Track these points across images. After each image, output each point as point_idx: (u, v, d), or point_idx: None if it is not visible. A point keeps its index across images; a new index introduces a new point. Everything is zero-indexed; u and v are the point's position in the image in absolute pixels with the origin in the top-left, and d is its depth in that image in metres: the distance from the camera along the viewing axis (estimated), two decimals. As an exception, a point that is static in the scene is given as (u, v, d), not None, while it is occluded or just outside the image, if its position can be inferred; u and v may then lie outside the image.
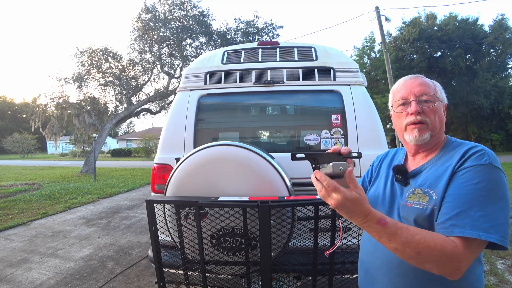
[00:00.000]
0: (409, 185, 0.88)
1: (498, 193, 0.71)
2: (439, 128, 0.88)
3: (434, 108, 0.87)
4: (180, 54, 14.00)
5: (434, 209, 0.78)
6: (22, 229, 4.92)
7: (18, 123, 48.71)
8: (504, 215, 0.69)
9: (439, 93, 0.91)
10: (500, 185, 0.72)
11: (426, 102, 0.88)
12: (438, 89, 0.92)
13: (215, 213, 1.48)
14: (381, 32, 12.71)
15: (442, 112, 0.91)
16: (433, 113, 0.87)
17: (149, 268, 3.30)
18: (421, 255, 0.67)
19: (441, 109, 0.91)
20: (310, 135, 2.07)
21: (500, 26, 23.55)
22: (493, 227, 0.67)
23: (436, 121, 0.87)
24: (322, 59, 2.26)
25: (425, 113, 0.86)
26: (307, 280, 1.75)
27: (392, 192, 0.93)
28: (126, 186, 9.37)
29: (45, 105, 14.67)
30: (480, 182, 0.72)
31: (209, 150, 1.59)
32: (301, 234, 1.66)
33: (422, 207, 0.80)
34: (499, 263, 3.22)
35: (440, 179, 0.80)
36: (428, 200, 0.80)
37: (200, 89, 2.24)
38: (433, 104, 0.87)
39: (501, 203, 0.70)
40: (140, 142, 31.43)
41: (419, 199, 0.82)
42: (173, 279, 1.76)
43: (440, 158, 0.86)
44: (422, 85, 0.89)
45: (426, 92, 0.88)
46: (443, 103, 0.93)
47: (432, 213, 0.78)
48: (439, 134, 0.89)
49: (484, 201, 0.70)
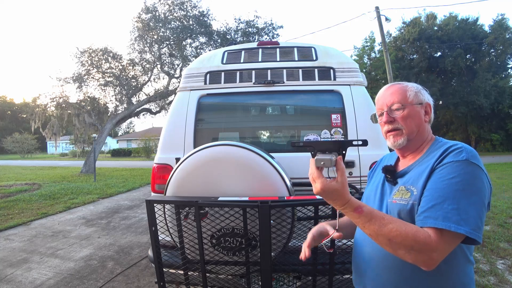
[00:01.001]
0: (397, 184, 0.94)
1: (472, 188, 0.74)
2: (417, 131, 0.94)
3: (404, 115, 0.93)
4: (180, 54, 14.00)
5: (414, 204, 0.82)
6: (22, 229, 4.92)
7: (18, 123, 48.72)
8: (476, 209, 0.72)
9: (412, 98, 0.95)
10: (475, 180, 0.75)
11: (397, 110, 0.95)
12: (411, 94, 0.96)
13: (215, 213, 1.48)
14: (381, 32, 12.71)
15: (421, 114, 0.95)
16: (405, 119, 0.93)
17: (149, 268, 3.30)
18: (393, 242, 0.73)
19: (418, 112, 0.95)
20: (310, 135, 2.08)
21: (500, 26, 23.54)
22: (464, 220, 0.71)
23: (411, 126, 0.93)
24: (322, 59, 2.26)
25: (398, 121, 0.94)
26: (307, 280, 1.75)
27: (383, 191, 0.99)
28: (126, 186, 9.37)
29: (45, 105, 14.68)
30: (456, 177, 0.76)
31: (209, 150, 1.59)
32: (301, 234, 1.66)
33: (404, 202, 0.85)
34: (499, 263, 3.22)
35: (421, 176, 0.85)
36: (410, 196, 0.85)
37: (200, 89, 2.24)
38: (403, 112, 0.94)
39: (474, 197, 0.73)
40: (140, 142, 31.43)
41: (402, 196, 0.87)
42: (173, 279, 1.76)
43: (425, 158, 0.91)
44: (393, 94, 0.96)
45: (395, 101, 0.95)
46: (423, 104, 0.96)
47: (412, 208, 0.83)
48: (419, 137, 0.95)
49: (458, 195, 0.73)
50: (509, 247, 3.65)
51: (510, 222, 4.64)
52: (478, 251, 3.54)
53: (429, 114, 0.97)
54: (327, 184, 0.77)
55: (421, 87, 1.00)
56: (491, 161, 15.68)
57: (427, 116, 0.97)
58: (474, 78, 23.61)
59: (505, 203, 5.95)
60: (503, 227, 4.41)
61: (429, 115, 0.97)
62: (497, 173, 11.03)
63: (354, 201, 0.79)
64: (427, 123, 0.97)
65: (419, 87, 1.00)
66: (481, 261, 3.27)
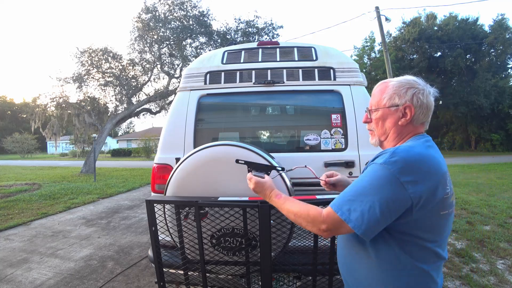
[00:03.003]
0: None
1: (371, 189, 0.83)
2: (388, 134, 1.00)
3: (377, 117, 1.01)
4: (180, 54, 13.99)
5: None
6: (22, 229, 4.92)
7: (18, 123, 48.73)
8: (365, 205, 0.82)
9: (386, 101, 0.98)
10: (378, 181, 0.83)
11: (373, 111, 1.03)
12: (386, 97, 0.98)
13: (215, 213, 1.48)
14: (381, 32, 12.71)
15: (394, 117, 0.98)
16: (377, 121, 1.02)
17: (149, 268, 3.30)
18: (297, 216, 0.96)
19: (390, 115, 0.98)
20: (310, 135, 2.07)
21: (500, 26, 23.55)
22: (350, 210, 0.83)
23: (382, 128, 1.01)
24: (322, 59, 2.26)
25: (372, 122, 1.03)
26: (307, 280, 1.75)
27: None
28: (126, 186, 9.37)
29: (45, 105, 14.67)
30: (365, 176, 0.87)
31: (209, 150, 1.59)
32: (301, 234, 1.66)
33: None
34: (499, 263, 3.22)
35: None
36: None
37: (200, 89, 2.23)
38: (377, 114, 1.01)
39: (370, 197, 0.82)
40: (140, 142, 31.43)
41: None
42: (173, 279, 1.76)
43: None
44: (374, 95, 1.04)
45: (372, 103, 1.03)
46: (399, 106, 0.96)
47: None
48: (392, 138, 0.99)
49: (358, 191, 0.85)
50: (509, 247, 3.64)
51: (510, 222, 4.64)
52: (478, 251, 3.54)
53: (407, 116, 0.95)
54: (258, 180, 1.14)
55: (407, 86, 0.97)
56: (491, 161, 15.68)
57: (404, 118, 0.96)
58: (474, 78, 23.61)
59: (505, 203, 5.95)
60: (503, 227, 4.41)
61: (407, 117, 0.95)
62: (497, 173, 11.03)
63: (277, 192, 1.10)
64: (403, 125, 0.97)
65: (403, 85, 0.97)
66: (481, 261, 3.27)
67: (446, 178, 0.87)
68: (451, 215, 0.90)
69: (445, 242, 0.93)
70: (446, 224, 0.90)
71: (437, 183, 0.83)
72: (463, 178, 9.76)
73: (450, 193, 0.88)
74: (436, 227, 0.88)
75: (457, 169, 12.52)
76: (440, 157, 0.90)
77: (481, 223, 4.66)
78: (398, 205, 0.81)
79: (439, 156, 0.90)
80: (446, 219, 0.89)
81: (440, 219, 0.87)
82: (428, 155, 0.86)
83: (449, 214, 0.89)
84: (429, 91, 0.98)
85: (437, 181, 0.84)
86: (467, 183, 8.74)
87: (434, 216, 0.85)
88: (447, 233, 0.92)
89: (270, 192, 1.11)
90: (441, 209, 0.86)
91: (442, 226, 0.89)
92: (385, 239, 0.89)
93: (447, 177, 0.88)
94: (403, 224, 0.85)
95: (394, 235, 0.88)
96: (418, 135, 0.97)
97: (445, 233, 0.91)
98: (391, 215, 0.82)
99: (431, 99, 0.98)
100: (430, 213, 0.84)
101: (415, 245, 0.87)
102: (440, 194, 0.84)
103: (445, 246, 0.93)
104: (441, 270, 0.93)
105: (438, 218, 0.86)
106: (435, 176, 0.84)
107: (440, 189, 0.84)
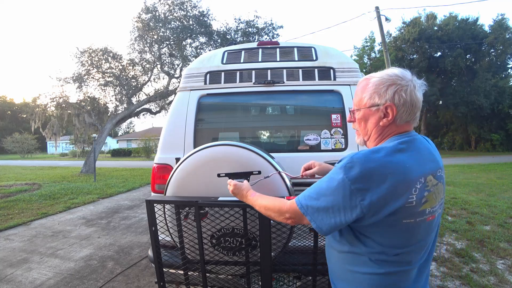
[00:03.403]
0: None
1: (327, 190, 0.86)
2: (370, 134, 0.97)
3: (360, 118, 0.98)
4: (180, 54, 13.99)
5: None
6: (22, 229, 4.92)
7: (18, 123, 48.73)
8: (321, 204, 0.86)
9: (367, 100, 0.94)
10: (332, 183, 0.86)
11: (354, 112, 1.01)
12: (366, 96, 0.94)
13: (215, 213, 1.48)
14: (381, 32, 12.71)
15: (375, 117, 0.93)
16: (360, 121, 0.99)
17: (149, 268, 3.30)
18: (266, 209, 1.05)
19: (372, 115, 0.94)
20: (310, 135, 2.07)
21: (500, 26, 23.56)
22: (308, 206, 0.89)
23: (365, 128, 0.98)
24: (322, 59, 2.25)
25: (356, 122, 1.02)
26: (307, 280, 1.75)
27: None
28: (126, 186, 9.37)
29: (45, 105, 14.66)
30: (327, 177, 0.89)
31: (209, 150, 1.59)
32: (301, 234, 1.66)
33: None
34: (499, 263, 3.22)
35: None
36: None
37: (200, 89, 2.23)
38: (359, 114, 0.98)
39: (325, 197, 0.86)
40: (140, 142, 31.43)
41: None
42: (173, 279, 1.76)
43: None
44: (356, 94, 1.01)
45: (354, 103, 1.01)
46: (379, 106, 0.91)
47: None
48: (373, 138, 0.97)
49: (317, 190, 0.89)
50: (509, 247, 3.65)
51: (510, 222, 4.64)
52: (478, 251, 3.54)
53: (388, 116, 0.90)
54: (236, 183, 1.24)
55: (388, 83, 0.90)
56: (491, 161, 15.69)
57: (386, 118, 0.91)
58: (474, 78, 23.62)
59: (505, 203, 5.95)
60: (503, 227, 4.41)
61: (389, 117, 0.90)
62: (497, 173, 11.04)
63: (252, 191, 1.18)
64: (385, 126, 0.92)
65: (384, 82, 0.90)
66: (481, 261, 3.27)
67: (410, 185, 0.81)
68: (421, 224, 0.85)
69: (416, 250, 0.88)
70: (414, 232, 0.85)
71: (393, 191, 0.79)
72: (463, 178, 9.76)
73: (419, 202, 0.83)
74: (398, 235, 0.85)
75: (457, 169, 12.52)
76: (411, 163, 0.83)
77: (481, 223, 4.66)
78: (349, 210, 0.82)
79: (410, 162, 0.83)
80: (413, 227, 0.84)
81: (403, 227, 0.83)
82: (388, 161, 0.81)
83: (417, 223, 0.84)
84: (415, 85, 0.89)
85: (394, 188, 0.79)
86: (467, 183, 8.75)
87: (395, 225, 0.83)
88: (419, 241, 0.87)
89: (246, 192, 1.18)
90: (404, 217, 0.82)
91: (407, 235, 0.85)
92: (350, 237, 0.91)
93: (413, 185, 0.81)
94: (362, 227, 0.86)
95: (357, 235, 0.89)
96: (398, 135, 0.91)
97: (414, 241, 0.86)
98: (342, 218, 0.84)
99: (418, 94, 0.90)
100: (388, 220, 0.82)
101: (375, 248, 0.87)
102: (399, 202, 0.80)
103: (417, 254, 0.89)
104: (411, 276, 0.89)
105: (400, 226, 0.83)
106: (391, 184, 0.79)
107: (399, 197, 0.80)
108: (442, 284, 2.79)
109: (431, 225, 0.89)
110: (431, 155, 0.91)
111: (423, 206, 0.84)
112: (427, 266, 0.95)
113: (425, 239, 0.89)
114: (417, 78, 0.94)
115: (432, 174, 0.87)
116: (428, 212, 0.86)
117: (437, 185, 0.88)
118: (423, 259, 0.92)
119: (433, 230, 0.91)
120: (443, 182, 0.93)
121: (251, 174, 1.40)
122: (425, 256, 0.92)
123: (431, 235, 0.91)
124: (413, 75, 0.93)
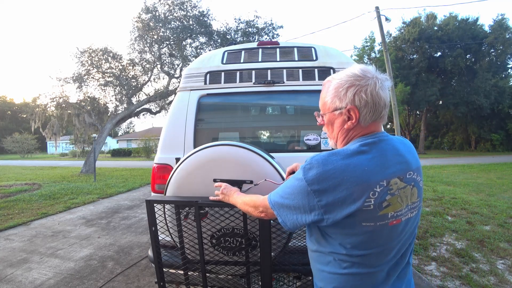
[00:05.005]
0: None
1: (291, 189, 0.89)
2: (337, 137, 0.96)
3: (326, 122, 0.98)
4: (180, 54, 13.99)
5: None
6: (22, 229, 4.92)
7: (18, 123, 48.75)
8: (285, 202, 0.91)
9: (329, 105, 0.92)
10: (295, 185, 0.88)
11: (320, 116, 1.00)
12: (328, 100, 0.93)
13: (215, 213, 1.48)
14: (381, 32, 12.71)
15: (339, 121, 0.91)
16: (327, 125, 0.98)
17: (149, 268, 3.30)
18: (245, 205, 1.11)
19: (336, 119, 0.92)
20: (310, 135, 2.07)
21: (500, 26, 23.58)
22: (276, 202, 0.94)
23: (332, 132, 0.97)
24: (322, 59, 2.26)
25: (324, 126, 1.01)
26: (307, 280, 1.75)
27: None
28: (126, 186, 9.37)
29: (45, 105, 14.66)
30: (292, 177, 0.92)
31: (209, 150, 1.59)
32: (301, 234, 1.66)
33: None
34: (499, 263, 3.22)
35: None
36: None
37: (200, 89, 2.23)
38: (323, 118, 0.98)
39: (289, 196, 0.90)
40: (140, 142, 31.43)
41: None
42: (173, 279, 1.76)
43: None
44: (320, 98, 0.99)
45: (320, 107, 1.00)
46: (341, 109, 0.89)
47: None
48: (340, 141, 0.96)
49: (284, 188, 0.93)
50: (509, 247, 3.65)
51: (510, 222, 4.64)
52: (478, 251, 3.54)
53: (352, 119, 0.88)
54: (227, 184, 1.33)
55: (347, 85, 0.87)
56: (491, 161, 15.69)
57: (350, 121, 0.88)
58: (474, 78, 23.63)
59: (505, 203, 5.95)
60: (503, 227, 4.41)
61: (353, 120, 0.88)
62: (497, 173, 11.04)
63: (239, 192, 1.26)
64: (350, 128, 0.90)
65: (343, 84, 0.88)
66: (481, 261, 3.27)
67: (367, 189, 0.79)
68: (383, 228, 0.83)
69: (380, 253, 0.86)
70: (374, 236, 0.83)
71: (348, 194, 0.79)
72: (463, 178, 9.76)
73: (379, 205, 0.80)
74: (358, 237, 0.83)
75: (457, 169, 12.53)
76: (371, 166, 0.81)
77: (481, 223, 4.66)
78: (308, 210, 0.85)
79: (370, 164, 0.81)
80: (373, 231, 0.82)
81: (363, 230, 0.82)
82: (345, 164, 0.80)
83: (378, 227, 0.82)
84: (375, 83, 0.85)
85: (349, 191, 0.79)
86: (467, 183, 8.75)
87: (353, 227, 0.82)
88: (381, 245, 0.85)
89: (234, 192, 1.26)
90: (363, 220, 0.81)
91: (367, 238, 0.83)
92: (318, 237, 0.94)
93: (370, 188, 0.79)
94: (325, 227, 0.88)
95: (323, 234, 0.91)
96: (363, 137, 0.89)
97: (374, 244, 0.84)
98: (302, 216, 0.87)
99: (380, 92, 0.85)
100: (347, 222, 0.82)
101: (338, 249, 0.87)
102: (356, 205, 0.79)
103: (382, 257, 0.86)
104: (378, 278, 0.87)
105: (360, 228, 0.82)
106: (347, 187, 0.79)
107: (355, 200, 0.79)
108: (442, 284, 2.79)
109: (396, 229, 0.85)
110: (399, 156, 0.87)
111: (385, 210, 0.82)
112: (397, 270, 0.90)
113: (389, 243, 0.86)
114: (380, 72, 0.89)
115: (399, 176, 0.84)
116: (391, 216, 0.83)
117: (404, 188, 0.85)
118: (392, 262, 0.88)
119: (399, 235, 0.87)
120: (417, 185, 0.89)
121: (243, 183, 1.48)
122: (395, 259, 0.89)
123: (397, 239, 0.87)
124: (377, 71, 0.89)
